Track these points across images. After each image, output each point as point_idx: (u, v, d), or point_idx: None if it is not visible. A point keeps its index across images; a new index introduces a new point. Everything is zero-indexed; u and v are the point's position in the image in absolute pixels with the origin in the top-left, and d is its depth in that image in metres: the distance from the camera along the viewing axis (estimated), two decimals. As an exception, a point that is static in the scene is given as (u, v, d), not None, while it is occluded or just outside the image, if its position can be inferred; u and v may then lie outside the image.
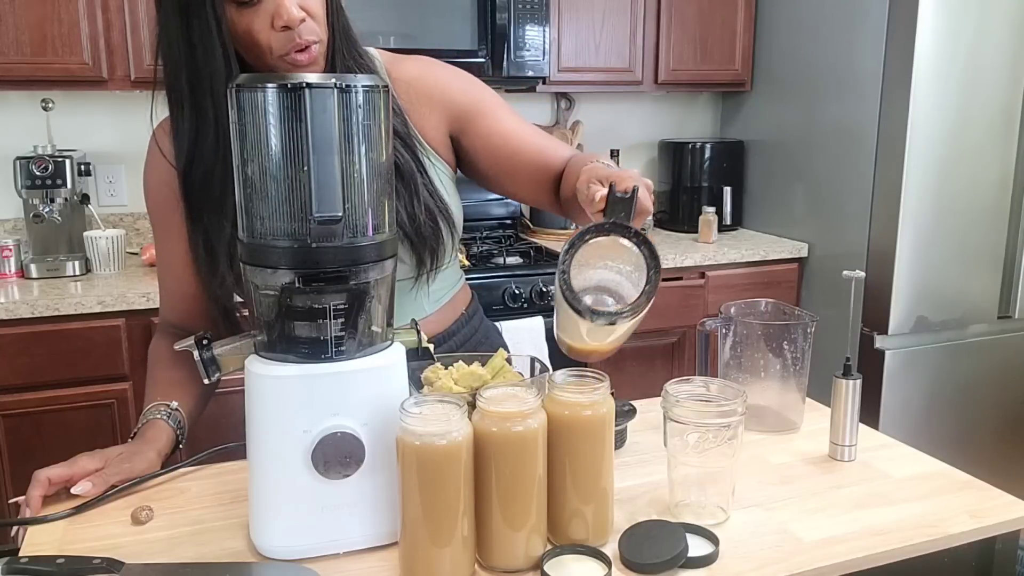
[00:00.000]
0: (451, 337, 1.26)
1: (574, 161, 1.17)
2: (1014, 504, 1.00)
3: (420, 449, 0.80)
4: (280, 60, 1.03)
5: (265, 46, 1.02)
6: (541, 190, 1.21)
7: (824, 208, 2.74)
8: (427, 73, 1.20)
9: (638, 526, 0.90)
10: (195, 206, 1.09)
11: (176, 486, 1.06)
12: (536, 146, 1.21)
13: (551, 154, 1.20)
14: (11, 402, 2.05)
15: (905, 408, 2.54)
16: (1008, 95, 2.45)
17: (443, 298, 1.25)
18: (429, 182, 1.16)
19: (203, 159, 1.06)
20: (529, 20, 2.54)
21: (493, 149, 1.21)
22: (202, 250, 1.10)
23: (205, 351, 0.94)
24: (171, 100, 1.06)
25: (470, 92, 1.22)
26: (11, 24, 2.14)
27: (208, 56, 1.00)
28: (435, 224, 1.15)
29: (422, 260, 1.15)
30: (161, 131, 1.13)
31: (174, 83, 1.04)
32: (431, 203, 1.15)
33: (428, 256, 1.15)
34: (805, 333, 1.18)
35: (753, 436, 1.17)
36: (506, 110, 1.23)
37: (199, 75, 1.02)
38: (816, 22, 2.70)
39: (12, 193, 2.35)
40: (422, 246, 1.13)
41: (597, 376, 0.90)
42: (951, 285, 2.52)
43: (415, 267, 1.16)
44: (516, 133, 1.21)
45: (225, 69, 1.01)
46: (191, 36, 1.00)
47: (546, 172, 1.19)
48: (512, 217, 3.01)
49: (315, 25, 1.03)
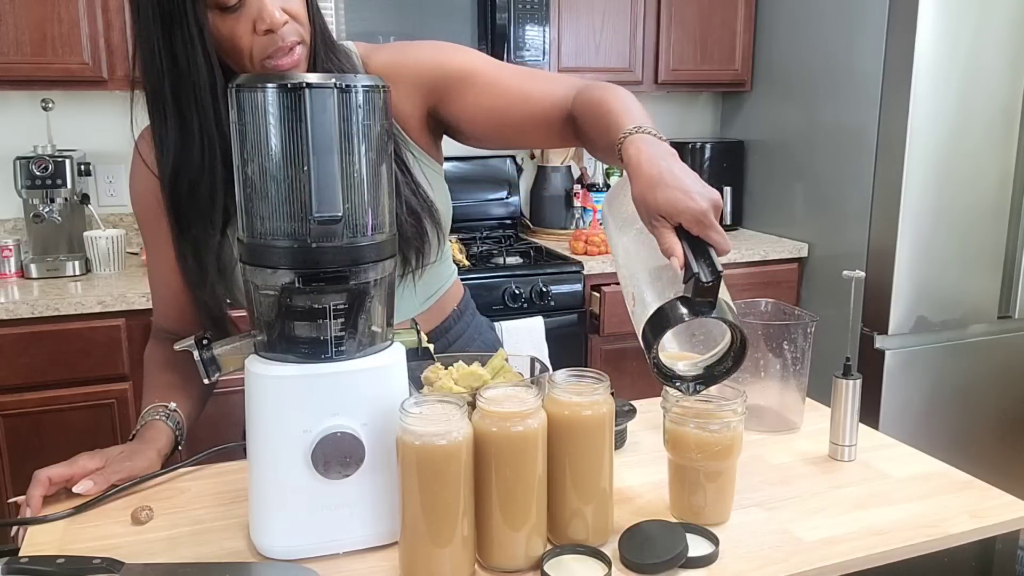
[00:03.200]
0: (444, 334, 1.25)
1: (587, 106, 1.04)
2: (1014, 504, 1.00)
3: (420, 449, 0.80)
4: (262, 64, 1.00)
5: (247, 51, 0.99)
6: (546, 136, 1.14)
7: (824, 208, 2.74)
8: (397, 56, 1.16)
9: (638, 526, 0.90)
10: (182, 216, 1.07)
11: (176, 486, 1.06)
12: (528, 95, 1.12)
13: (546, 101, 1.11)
14: (11, 402, 2.05)
15: (905, 408, 2.54)
16: (1008, 95, 2.45)
17: (434, 295, 1.24)
18: (412, 180, 1.13)
19: (189, 169, 1.04)
20: (529, 20, 2.54)
21: (478, 111, 1.14)
22: (191, 260, 1.09)
23: (205, 351, 0.94)
24: (153, 110, 1.04)
25: (439, 60, 1.15)
26: (11, 24, 2.14)
27: (192, 65, 0.98)
28: (419, 222, 1.12)
29: (407, 259, 1.12)
30: (143, 141, 1.11)
31: (156, 93, 1.02)
32: (413, 201, 1.12)
33: (413, 254, 1.12)
34: (805, 333, 1.18)
35: (753, 436, 1.17)
36: (489, 67, 1.15)
37: (183, 84, 0.99)
38: (816, 22, 2.70)
39: (12, 193, 2.35)
40: (406, 245, 1.10)
41: (597, 376, 0.90)
42: (951, 285, 2.52)
43: (400, 265, 1.12)
44: (502, 89, 1.13)
45: (209, 77, 0.99)
46: (173, 46, 0.98)
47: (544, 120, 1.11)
48: (512, 217, 3.02)
49: (298, 26, 1.01)
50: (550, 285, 2.47)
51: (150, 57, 1.00)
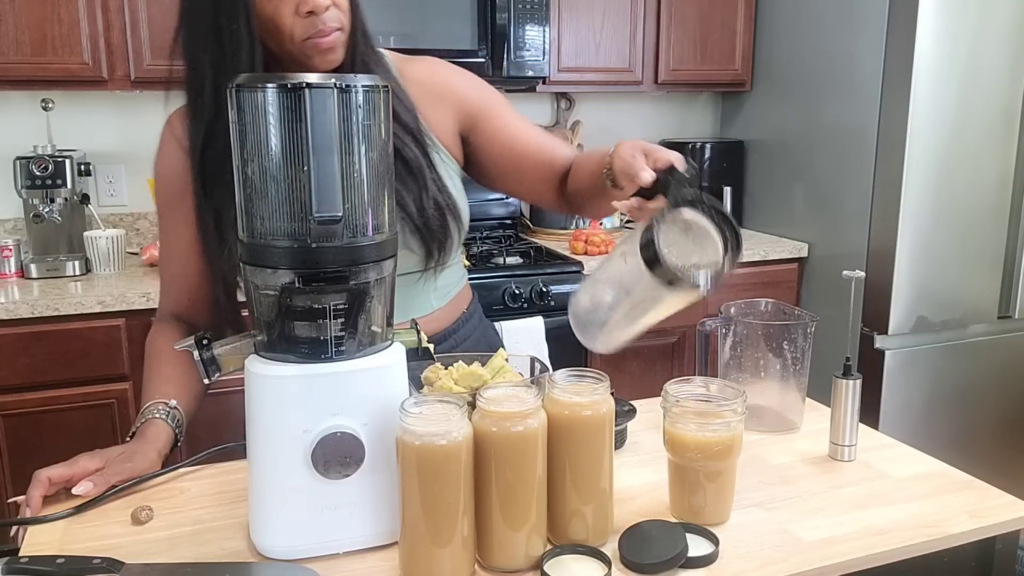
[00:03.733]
0: (453, 334, 1.28)
1: (581, 157, 1.22)
2: (1014, 504, 1.00)
3: (420, 449, 0.80)
4: (302, 44, 1.05)
5: (288, 31, 1.04)
6: (546, 188, 1.26)
7: (824, 208, 2.74)
8: (436, 73, 1.24)
9: (638, 526, 0.90)
10: (208, 181, 1.11)
11: (176, 486, 1.06)
12: (541, 145, 1.26)
13: (556, 153, 1.25)
14: (11, 402, 2.05)
15: (905, 408, 2.54)
16: (1008, 95, 2.45)
17: (448, 294, 1.28)
18: (438, 177, 1.19)
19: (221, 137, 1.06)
20: (529, 20, 2.54)
21: (500, 148, 1.25)
22: (211, 222, 1.12)
23: (205, 351, 0.94)
24: (191, 80, 1.09)
25: (479, 92, 1.26)
26: (11, 24, 2.14)
27: (234, 39, 1.02)
28: (443, 218, 1.18)
29: (430, 252, 1.17)
30: (177, 116, 1.16)
31: (196, 64, 1.07)
32: (440, 198, 1.17)
33: (436, 249, 1.18)
34: (805, 333, 1.18)
35: (753, 436, 1.17)
36: (511, 110, 1.27)
37: (223, 58, 1.04)
38: (816, 22, 2.70)
39: (12, 193, 2.35)
40: (431, 239, 1.16)
41: (597, 376, 0.90)
42: (951, 285, 2.52)
43: (423, 259, 1.18)
44: (522, 133, 1.26)
45: (249, 53, 1.03)
46: (219, 19, 1.02)
47: (551, 171, 1.24)
48: (512, 217, 3.01)
49: (339, 13, 1.06)
50: (550, 285, 2.47)
51: (195, 31, 1.05)
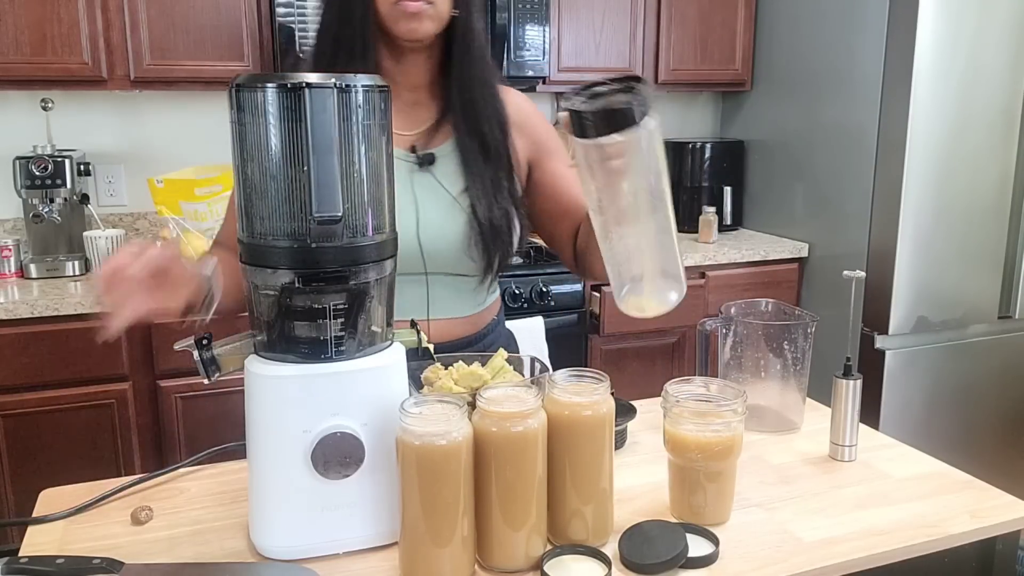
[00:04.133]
0: (483, 338, 1.30)
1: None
2: (1014, 504, 1.00)
3: (420, 449, 0.80)
4: (391, 7, 1.11)
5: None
6: (569, 240, 1.28)
7: (824, 208, 2.73)
8: (522, 102, 1.30)
9: (638, 526, 0.90)
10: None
11: (176, 486, 1.06)
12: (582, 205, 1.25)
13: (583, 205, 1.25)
14: (11, 402, 2.05)
15: (905, 408, 2.54)
16: (1008, 95, 2.45)
17: (490, 298, 1.32)
18: (514, 188, 1.24)
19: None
20: (529, 20, 2.54)
21: (551, 191, 1.28)
22: None
23: (205, 351, 0.93)
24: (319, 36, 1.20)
25: (548, 131, 1.32)
26: (11, 24, 2.14)
27: None
28: (510, 226, 1.22)
29: (491, 262, 1.22)
30: None
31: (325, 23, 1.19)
32: (511, 208, 1.22)
33: (497, 258, 1.22)
34: (805, 333, 1.18)
35: (753, 436, 1.17)
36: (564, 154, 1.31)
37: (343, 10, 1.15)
38: (816, 22, 2.70)
39: (12, 193, 2.35)
40: (499, 243, 1.20)
41: (597, 376, 0.90)
42: (951, 285, 2.52)
43: (483, 267, 1.22)
44: (570, 179, 1.29)
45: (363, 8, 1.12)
46: None
47: (577, 222, 1.25)
48: (512, 217, 3.01)
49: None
50: (550, 285, 2.47)
51: None
